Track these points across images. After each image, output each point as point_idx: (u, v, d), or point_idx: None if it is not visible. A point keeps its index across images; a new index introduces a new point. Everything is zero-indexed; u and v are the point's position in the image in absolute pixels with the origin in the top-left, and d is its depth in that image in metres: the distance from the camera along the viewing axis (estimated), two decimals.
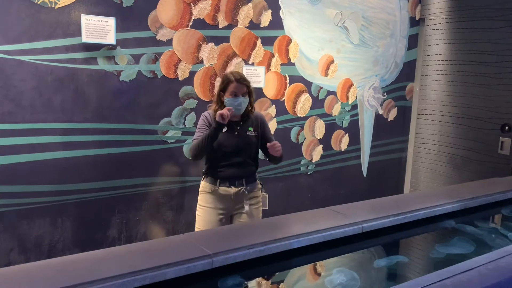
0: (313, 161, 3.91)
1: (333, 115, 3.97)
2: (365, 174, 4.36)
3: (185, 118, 3.11)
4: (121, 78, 2.84)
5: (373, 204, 2.48)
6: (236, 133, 2.50)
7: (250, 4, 3.29)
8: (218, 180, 2.50)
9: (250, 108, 2.54)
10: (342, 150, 4.11)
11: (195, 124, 3.13)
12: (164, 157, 3.07)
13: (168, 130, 3.06)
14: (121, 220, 2.97)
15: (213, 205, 2.52)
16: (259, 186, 2.64)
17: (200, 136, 2.44)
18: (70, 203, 2.77)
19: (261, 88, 3.43)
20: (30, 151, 2.59)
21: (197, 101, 3.13)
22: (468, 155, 4.19)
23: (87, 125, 2.76)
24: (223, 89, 2.48)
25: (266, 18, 3.39)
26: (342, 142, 4.10)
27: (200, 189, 2.59)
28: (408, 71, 4.51)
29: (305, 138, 3.82)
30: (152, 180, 3.05)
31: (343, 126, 4.08)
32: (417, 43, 4.54)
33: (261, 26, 3.38)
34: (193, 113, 3.13)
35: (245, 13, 3.27)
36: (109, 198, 2.90)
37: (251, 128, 2.55)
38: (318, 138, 3.90)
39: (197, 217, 2.60)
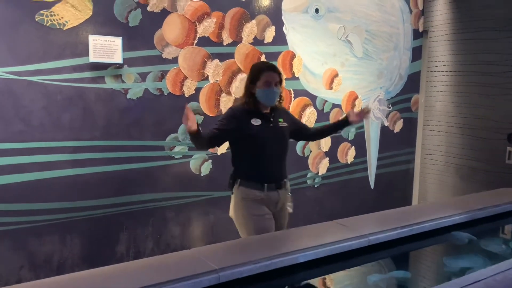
0: (320, 174, 3.92)
1: None
2: (372, 186, 4.35)
3: None
4: (128, 96, 2.89)
5: (379, 216, 2.48)
6: (271, 125, 2.35)
7: (253, 21, 3.35)
8: (266, 185, 2.33)
9: (279, 99, 2.42)
10: (349, 162, 4.12)
11: None
12: (171, 173, 3.10)
13: (175, 146, 3.10)
14: (129, 236, 2.99)
15: (265, 211, 2.35)
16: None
17: (225, 125, 2.26)
18: (79, 220, 2.80)
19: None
20: (39, 169, 2.64)
21: (203, 117, 3.17)
22: (475, 166, 4.17)
23: (95, 142, 2.80)
24: (253, 79, 2.32)
25: (269, 34, 3.44)
26: (348, 154, 4.10)
27: (243, 195, 2.35)
28: (412, 83, 4.53)
29: (311, 151, 3.83)
30: (159, 195, 3.08)
31: (349, 139, 4.09)
32: (421, 55, 4.57)
33: (265, 42, 3.43)
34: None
35: (249, 30, 3.32)
36: (117, 214, 2.93)
37: (281, 119, 2.41)
38: (324, 150, 3.92)
39: (247, 228, 2.36)
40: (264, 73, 2.30)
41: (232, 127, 2.29)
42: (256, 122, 2.30)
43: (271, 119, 2.36)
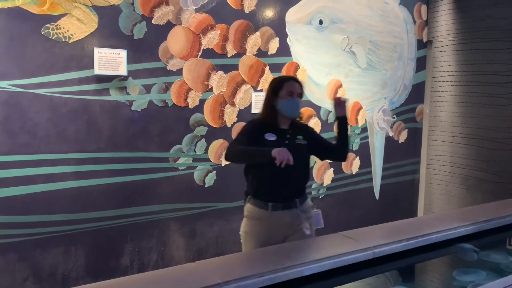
0: (324, 184, 3.90)
1: None
2: (377, 197, 4.32)
3: (195, 145, 3.16)
4: (133, 108, 2.90)
5: (384, 228, 2.46)
6: (286, 141, 2.19)
7: (257, 33, 3.37)
8: (271, 204, 2.18)
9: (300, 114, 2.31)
10: (354, 173, 4.10)
11: (206, 150, 3.18)
12: (176, 184, 3.10)
13: (179, 157, 3.11)
14: (133, 248, 2.99)
15: (264, 234, 2.19)
16: (310, 203, 2.36)
17: (245, 141, 2.13)
18: (84, 232, 2.80)
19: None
20: (44, 181, 2.65)
21: (207, 128, 3.18)
22: (481, 176, 4.14)
23: (100, 154, 2.81)
24: (274, 91, 2.22)
25: (273, 45, 3.46)
26: (353, 165, 4.09)
27: (246, 213, 2.26)
28: (417, 93, 4.52)
29: (315, 162, 3.82)
30: (164, 207, 3.08)
31: (354, 149, 4.08)
32: (426, 65, 4.57)
33: (269, 53, 3.45)
34: (203, 140, 3.17)
35: (253, 42, 3.34)
36: (121, 226, 2.93)
37: (300, 136, 2.26)
38: (329, 161, 3.91)
39: (243, 246, 2.29)
40: (286, 83, 2.23)
41: (251, 139, 2.16)
42: (270, 137, 2.19)
43: (288, 136, 2.23)
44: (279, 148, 1.99)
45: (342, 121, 2.31)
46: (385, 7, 4.14)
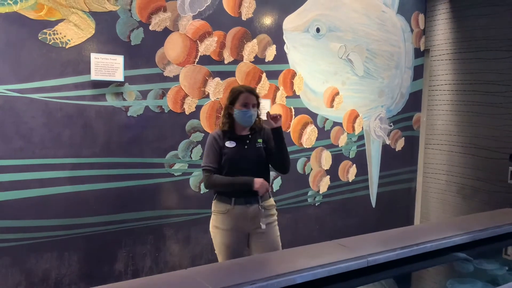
0: (321, 192, 3.90)
1: (339, 146, 3.98)
2: (374, 205, 4.32)
3: (191, 151, 3.16)
4: (129, 114, 2.91)
5: (379, 236, 2.45)
6: (246, 146, 2.44)
7: (255, 40, 3.38)
8: (233, 199, 2.40)
9: (257, 120, 2.50)
10: (350, 180, 4.10)
11: (201, 156, 3.17)
12: (171, 190, 3.10)
13: (175, 163, 3.10)
14: (127, 253, 2.97)
15: (229, 227, 2.42)
16: (273, 202, 2.55)
17: (213, 158, 2.41)
18: (78, 237, 2.79)
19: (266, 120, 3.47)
20: (39, 186, 2.64)
21: (203, 134, 3.18)
22: (477, 185, 4.14)
23: (95, 159, 2.81)
24: (232, 101, 2.44)
25: (270, 52, 3.47)
26: (349, 172, 4.09)
27: (213, 208, 2.49)
28: (414, 101, 4.53)
29: (311, 169, 3.82)
30: (158, 213, 3.07)
31: (350, 157, 4.08)
32: (423, 74, 4.58)
33: (266, 60, 3.46)
34: (199, 146, 3.17)
35: (250, 49, 3.35)
36: (116, 232, 2.92)
37: (260, 140, 2.50)
38: (325, 169, 3.90)
39: (214, 240, 2.50)
40: (242, 95, 2.42)
41: (218, 151, 2.43)
42: (230, 144, 2.43)
43: (248, 141, 2.46)
44: (259, 180, 2.35)
45: (275, 132, 2.45)
46: (382, 16, 4.16)
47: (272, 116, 2.43)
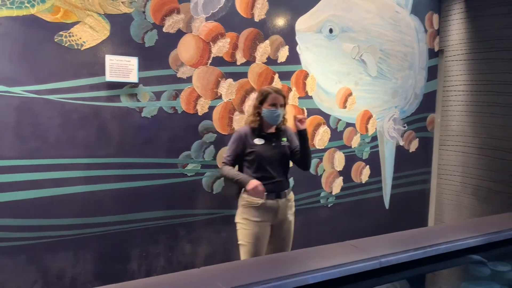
0: (333, 193, 3.89)
1: (352, 147, 3.97)
2: (387, 207, 4.29)
3: (204, 152, 3.17)
4: (143, 114, 2.94)
5: (392, 238, 2.44)
6: (273, 144, 2.70)
7: (267, 41, 3.39)
8: (265, 194, 2.61)
9: (283, 120, 2.76)
10: (363, 182, 4.08)
11: (214, 157, 3.19)
12: (184, 190, 3.12)
13: (188, 164, 3.12)
14: (141, 253, 3.00)
15: (261, 218, 2.64)
16: (292, 194, 2.83)
17: (233, 153, 2.68)
18: (92, 236, 2.83)
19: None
20: (54, 185, 2.69)
21: (215, 135, 3.20)
22: (493, 187, 4.09)
23: (109, 160, 2.84)
24: (261, 101, 2.69)
25: (283, 53, 3.48)
26: (362, 174, 4.07)
27: (244, 202, 2.68)
28: (428, 102, 4.49)
29: (324, 170, 3.81)
30: (171, 213, 3.09)
31: (364, 158, 4.06)
32: (437, 74, 4.54)
33: (278, 61, 3.47)
34: (212, 146, 3.19)
35: (263, 50, 3.36)
36: (129, 231, 2.95)
37: (284, 139, 2.77)
38: (338, 170, 3.89)
39: (242, 231, 2.68)
40: (271, 95, 2.67)
41: (240, 147, 2.69)
42: (259, 141, 2.69)
43: (274, 139, 2.73)
44: (254, 182, 2.55)
45: (301, 134, 2.73)
46: (396, 16, 4.13)
47: (299, 119, 2.68)
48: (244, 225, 2.67)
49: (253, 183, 2.55)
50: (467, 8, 4.30)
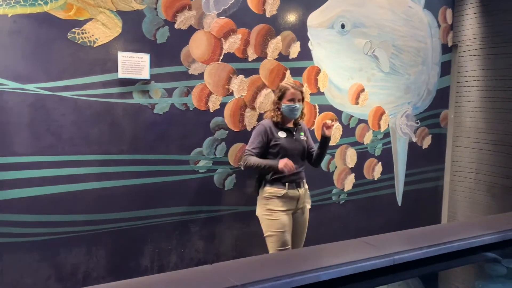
0: (345, 190, 3.87)
1: (364, 143, 3.94)
2: (400, 204, 4.25)
3: (215, 148, 3.18)
4: (155, 111, 2.95)
5: (406, 235, 2.42)
6: (294, 137, 2.87)
7: (279, 37, 3.37)
8: (287, 184, 2.78)
9: (301, 114, 2.90)
10: (375, 178, 4.05)
11: (226, 154, 3.20)
12: (196, 187, 3.13)
13: (200, 160, 3.13)
14: (153, 249, 3.02)
15: (285, 208, 2.79)
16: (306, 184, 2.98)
17: (258, 144, 2.79)
18: (105, 232, 2.85)
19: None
20: (68, 182, 2.71)
21: (227, 132, 3.20)
22: (508, 184, 4.03)
23: (122, 156, 2.86)
24: (280, 97, 2.83)
25: (295, 49, 3.46)
26: (375, 170, 4.04)
27: (266, 194, 2.80)
28: (441, 98, 4.44)
29: (336, 167, 3.79)
30: (183, 209, 3.10)
31: (376, 155, 4.03)
32: (450, 70, 4.48)
33: (290, 57, 3.45)
34: (223, 143, 3.19)
35: (274, 46, 3.35)
36: (142, 228, 2.97)
37: (302, 133, 2.94)
38: (350, 166, 3.87)
39: (268, 222, 2.79)
40: (289, 91, 2.81)
41: (266, 140, 2.81)
42: (282, 134, 2.84)
43: (294, 133, 2.88)
44: (283, 160, 2.68)
45: (324, 140, 2.86)
46: (408, 11, 4.09)
47: (327, 126, 2.80)
48: (270, 216, 2.78)
49: (283, 160, 2.68)
50: (481, 2, 4.23)
